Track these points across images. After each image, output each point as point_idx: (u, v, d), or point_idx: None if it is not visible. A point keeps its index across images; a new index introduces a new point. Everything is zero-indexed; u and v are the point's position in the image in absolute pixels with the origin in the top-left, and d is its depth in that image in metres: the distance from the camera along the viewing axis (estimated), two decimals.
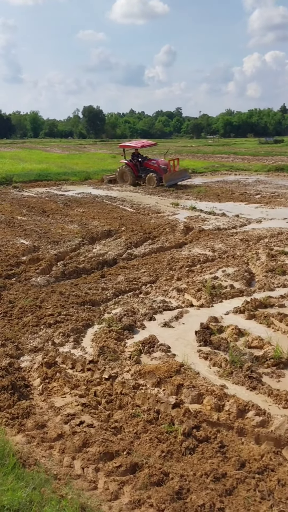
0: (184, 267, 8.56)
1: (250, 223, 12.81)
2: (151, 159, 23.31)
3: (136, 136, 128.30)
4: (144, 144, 24.45)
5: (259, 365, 4.90)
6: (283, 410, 4.12)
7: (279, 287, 7.38)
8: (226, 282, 7.62)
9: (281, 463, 3.42)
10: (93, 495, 3.15)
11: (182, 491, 3.13)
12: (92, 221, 13.08)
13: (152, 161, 22.60)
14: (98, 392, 4.44)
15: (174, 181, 21.54)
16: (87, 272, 8.48)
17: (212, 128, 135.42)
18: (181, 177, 22.34)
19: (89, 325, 6.14)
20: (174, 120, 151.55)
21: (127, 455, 3.48)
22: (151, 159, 23.31)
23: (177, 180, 21.86)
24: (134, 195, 19.05)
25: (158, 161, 22.48)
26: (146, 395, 4.34)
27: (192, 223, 12.83)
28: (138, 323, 6.13)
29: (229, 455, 3.50)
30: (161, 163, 22.32)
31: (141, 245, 10.50)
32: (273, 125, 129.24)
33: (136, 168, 22.38)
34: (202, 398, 4.27)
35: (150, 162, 22.54)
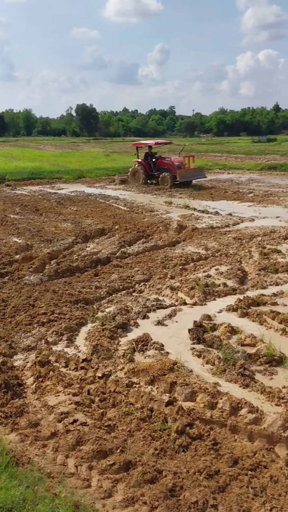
0: (178, 265, 8.57)
1: (243, 222, 12.85)
2: (164, 157, 22.62)
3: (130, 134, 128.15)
4: (158, 141, 23.97)
5: (252, 363, 4.93)
6: (276, 407, 4.14)
7: (272, 285, 7.42)
8: (219, 280, 7.64)
9: (273, 460, 3.44)
10: (86, 493, 3.16)
11: (176, 488, 3.14)
12: (86, 220, 13.06)
13: (166, 159, 21.84)
14: (91, 391, 4.44)
15: (188, 178, 20.89)
16: (81, 270, 8.46)
17: (205, 126, 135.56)
18: (196, 175, 21.56)
19: (83, 324, 6.14)
20: (168, 119, 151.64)
21: (121, 453, 3.49)
22: (164, 157, 22.62)
23: (191, 177, 21.14)
24: (127, 193, 19.05)
25: (173, 159, 21.69)
26: (139, 393, 4.34)
27: (185, 221, 12.86)
28: (131, 322, 6.14)
29: (222, 452, 3.52)
30: (176, 161, 21.46)
31: (134, 243, 10.50)
32: (266, 124, 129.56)
33: (149, 166, 21.68)
34: (195, 396, 4.29)
35: (164, 160, 21.78)
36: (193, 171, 21.58)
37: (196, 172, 21.76)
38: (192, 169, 21.62)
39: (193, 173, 21.47)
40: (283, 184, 21.38)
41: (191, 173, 21.25)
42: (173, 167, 20.85)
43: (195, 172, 21.67)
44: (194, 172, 21.60)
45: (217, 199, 17.16)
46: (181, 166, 20.90)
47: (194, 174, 21.49)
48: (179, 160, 21.52)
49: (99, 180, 24.04)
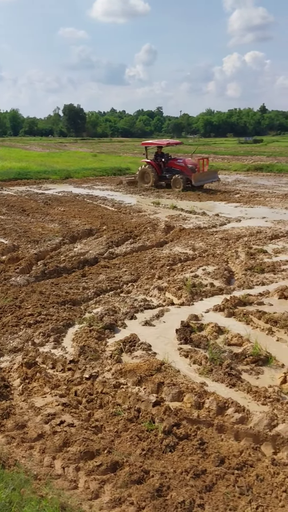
0: (165, 265, 8.60)
1: (229, 222, 12.94)
2: (176, 158, 21.28)
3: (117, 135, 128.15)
4: (169, 142, 22.59)
5: (238, 362, 4.96)
6: (262, 406, 4.18)
7: (258, 285, 7.48)
8: (206, 281, 7.68)
9: (259, 459, 3.47)
10: (73, 494, 3.15)
11: (163, 488, 3.14)
12: (73, 220, 13.02)
13: (178, 161, 20.48)
14: (78, 392, 4.43)
15: (202, 182, 19.80)
16: (68, 271, 8.43)
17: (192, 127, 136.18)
18: (210, 178, 20.52)
19: (70, 325, 6.12)
20: (155, 119, 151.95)
21: (108, 454, 3.49)
22: (176, 158, 21.28)
23: (205, 181, 20.07)
24: (115, 194, 19.03)
25: (186, 161, 20.36)
26: (126, 393, 4.35)
27: (173, 222, 12.89)
28: (119, 322, 6.14)
29: (208, 451, 3.54)
30: (189, 162, 20.14)
31: (122, 244, 10.49)
32: (252, 125, 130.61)
33: (159, 167, 20.46)
34: (183, 395, 4.30)
35: (176, 162, 20.41)
36: (207, 174, 20.63)
37: (210, 175, 20.83)
38: (206, 172, 20.63)
39: (207, 176, 20.49)
40: (269, 185, 21.58)
41: (205, 176, 20.25)
42: (187, 169, 19.68)
43: (209, 175, 20.71)
44: (208, 175, 20.64)
45: (204, 200, 17.24)
46: (195, 169, 19.68)
47: (208, 177, 20.47)
48: (193, 162, 20.31)
49: (86, 181, 23.98)
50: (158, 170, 20.42)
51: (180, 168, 19.95)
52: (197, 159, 20.54)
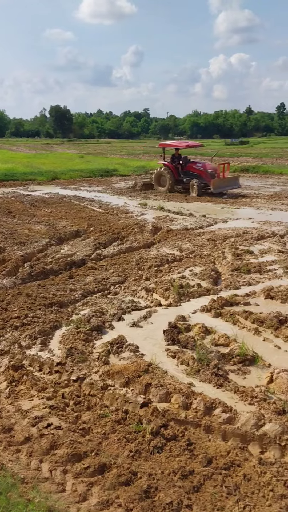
0: (153, 267, 8.60)
1: (216, 223, 13.01)
2: (195, 161, 19.94)
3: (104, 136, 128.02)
4: (189, 144, 21.24)
5: (225, 363, 4.99)
6: (249, 406, 4.20)
7: (244, 286, 7.53)
8: (193, 281, 7.71)
9: (247, 458, 3.48)
10: (61, 497, 3.13)
11: (150, 489, 3.14)
12: (60, 222, 12.96)
13: (197, 164, 19.09)
14: (66, 394, 4.41)
15: (222, 189, 18.46)
16: (55, 273, 8.39)
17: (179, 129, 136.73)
18: (231, 185, 19.13)
19: (57, 327, 6.08)
20: (142, 121, 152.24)
21: (95, 456, 3.47)
22: (195, 161, 19.94)
23: (225, 188, 18.72)
24: (102, 195, 18.99)
25: (205, 165, 19.02)
26: (114, 395, 4.34)
27: (160, 223, 12.91)
28: (106, 324, 6.12)
29: (196, 452, 3.54)
30: (209, 167, 18.76)
31: (109, 245, 10.48)
32: (238, 126, 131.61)
33: (176, 170, 19.21)
34: (170, 396, 4.31)
35: (195, 165, 18.99)
36: (228, 181, 19.15)
37: (231, 181, 19.32)
38: (228, 179, 19.16)
39: (228, 183, 19.06)
40: (255, 186, 21.74)
41: (226, 183, 18.84)
42: (206, 174, 18.40)
43: (230, 181, 19.25)
44: (229, 182, 19.16)
45: (191, 201, 17.31)
46: (215, 174, 18.33)
47: (229, 184, 19.04)
48: (213, 167, 18.87)
49: (73, 182, 23.90)
50: (175, 173, 19.20)
51: (199, 173, 18.70)
52: (217, 164, 19.17)
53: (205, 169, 18.52)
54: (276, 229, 11.96)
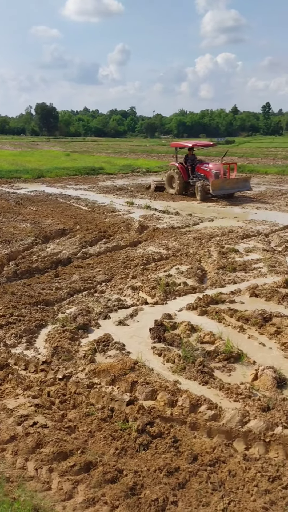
0: (139, 265, 8.61)
1: (202, 222, 13.07)
2: (203, 162, 18.53)
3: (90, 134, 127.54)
4: (196, 143, 19.56)
5: (210, 360, 5.02)
6: (234, 403, 4.24)
7: (230, 284, 7.59)
8: (179, 280, 7.74)
9: (232, 455, 3.52)
10: (46, 495, 3.12)
11: (136, 487, 3.15)
12: (46, 220, 12.89)
13: (205, 165, 17.80)
14: (51, 393, 4.39)
15: (226, 191, 17.00)
16: (41, 271, 8.35)
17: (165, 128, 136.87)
18: (237, 187, 17.38)
19: (43, 326, 6.06)
20: (128, 119, 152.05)
21: (81, 454, 3.47)
22: (203, 162, 18.53)
23: (229, 190, 17.11)
24: (88, 193, 18.93)
25: (211, 165, 17.67)
26: (100, 393, 4.34)
27: (146, 221, 12.93)
28: (92, 322, 6.11)
29: (182, 449, 3.56)
30: (214, 167, 17.39)
31: (96, 243, 10.46)
32: (224, 126, 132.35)
33: (186, 172, 18.17)
34: (156, 394, 4.32)
35: (202, 166, 17.81)
36: (233, 182, 17.35)
37: (238, 183, 17.53)
38: (233, 180, 17.39)
39: (233, 185, 17.30)
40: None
41: (230, 185, 17.14)
42: (211, 175, 17.12)
43: (236, 183, 17.45)
44: (235, 184, 17.39)
45: (177, 200, 17.36)
46: (219, 174, 17.03)
47: (234, 186, 17.31)
48: (219, 167, 17.39)
49: (59, 180, 23.77)
50: (185, 175, 18.11)
51: (205, 174, 17.51)
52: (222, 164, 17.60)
53: (210, 170, 17.35)
54: (261, 227, 12.07)
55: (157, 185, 19.50)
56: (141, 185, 21.44)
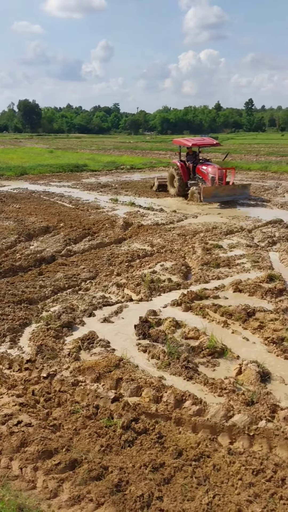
0: (124, 262, 8.61)
1: (186, 218, 13.10)
2: (204, 163, 16.79)
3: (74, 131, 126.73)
4: (196, 142, 17.18)
5: (195, 355, 5.05)
6: (218, 398, 4.27)
7: (214, 279, 7.63)
8: (164, 276, 7.75)
9: (216, 449, 3.54)
10: (31, 494, 3.11)
11: (122, 483, 3.16)
12: (29, 217, 12.78)
13: (203, 167, 16.22)
14: (36, 391, 4.37)
15: (220, 199, 15.21)
16: (24, 269, 8.28)
17: (149, 124, 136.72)
18: (233, 194, 15.57)
19: (27, 324, 6.02)
20: (112, 116, 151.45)
21: (66, 452, 3.46)
22: (204, 163, 16.79)
23: (225, 197, 15.30)
24: (72, 190, 18.82)
25: (209, 168, 15.97)
26: (85, 391, 4.33)
27: (131, 218, 12.91)
28: (77, 320, 6.09)
29: (167, 445, 3.58)
30: (212, 171, 15.71)
31: (80, 241, 10.41)
32: (208, 122, 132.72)
33: (187, 171, 16.76)
34: (141, 390, 4.33)
35: (201, 168, 16.26)
36: (229, 190, 15.57)
37: (234, 191, 15.71)
38: (228, 187, 15.66)
39: (229, 192, 15.49)
40: None
41: (225, 192, 15.36)
42: (208, 179, 15.79)
43: (233, 191, 15.65)
44: (231, 191, 15.59)
45: (162, 196, 17.36)
46: (214, 179, 15.54)
47: (230, 194, 15.49)
48: (215, 171, 15.66)
49: (43, 177, 23.58)
50: (184, 176, 16.69)
51: (203, 176, 16.18)
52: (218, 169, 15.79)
53: (208, 173, 15.82)
54: (244, 223, 12.16)
55: (160, 183, 18.39)
56: (125, 182, 21.40)
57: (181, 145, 17.75)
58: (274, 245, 9.94)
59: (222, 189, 15.31)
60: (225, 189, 15.40)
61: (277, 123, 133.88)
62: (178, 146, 18.03)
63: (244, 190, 16.01)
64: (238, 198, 15.67)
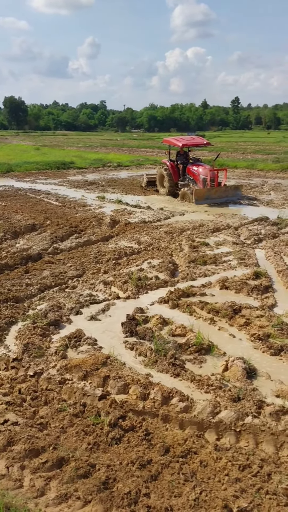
0: (111, 260, 8.59)
1: (173, 216, 13.13)
2: (194, 163, 16.44)
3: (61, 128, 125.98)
4: (187, 143, 16.59)
5: (182, 352, 5.07)
6: (205, 394, 4.29)
7: (200, 277, 7.66)
8: (151, 274, 7.76)
9: (203, 446, 3.57)
10: (18, 493, 3.10)
11: (109, 480, 3.16)
12: (15, 215, 12.67)
13: (194, 167, 15.83)
14: (22, 390, 4.35)
15: (212, 201, 14.96)
16: (10, 268, 8.21)
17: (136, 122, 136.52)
18: (225, 196, 15.36)
19: (13, 323, 5.97)
20: (99, 113, 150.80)
21: (53, 450, 3.45)
22: (194, 163, 16.44)
23: (217, 199, 15.06)
24: (59, 188, 18.71)
25: (200, 169, 15.58)
26: (72, 389, 4.32)
27: (118, 216, 12.89)
28: (64, 318, 6.07)
29: (154, 442, 3.59)
30: (203, 172, 15.34)
31: (67, 239, 10.36)
32: (195, 120, 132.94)
33: (177, 171, 16.56)
34: (128, 388, 4.34)
35: (192, 168, 15.90)
36: (221, 191, 15.35)
37: (227, 192, 15.51)
38: (220, 188, 15.38)
39: (221, 194, 15.28)
40: None
41: (217, 193, 15.17)
42: (199, 180, 15.52)
43: (225, 192, 15.45)
44: (223, 193, 15.39)
45: (149, 194, 17.36)
46: (206, 181, 15.24)
47: (222, 195, 15.28)
48: (206, 172, 15.28)
49: (29, 174, 23.41)
50: (175, 176, 16.48)
51: (194, 177, 15.88)
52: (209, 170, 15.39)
53: (199, 174, 15.54)
54: (231, 221, 12.22)
55: (149, 179, 18.27)
56: (113, 180, 21.35)
57: (171, 145, 17.44)
58: (260, 242, 10.02)
59: (214, 191, 15.13)
60: (217, 191, 15.21)
61: (263, 121, 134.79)
62: (168, 145, 17.70)
63: (236, 191, 15.90)
64: (231, 200, 15.46)
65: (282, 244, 9.68)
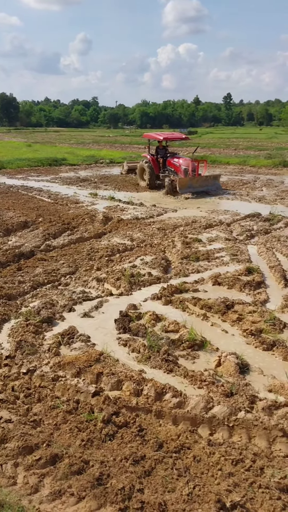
0: (104, 256, 8.58)
1: (166, 212, 13.13)
2: (175, 156, 17.81)
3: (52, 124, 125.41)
4: (167, 136, 18.24)
5: (175, 348, 5.08)
6: (198, 390, 4.31)
7: (193, 273, 7.68)
8: (144, 270, 7.76)
9: (196, 441, 3.58)
10: (12, 491, 3.09)
11: (103, 477, 3.17)
12: (7, 212, 12.61)
13: (175, 160, 17.10)
14: (16, 387, 4.34)
15: (193, 189, 16.08)
16: (2, 265, 8.17)
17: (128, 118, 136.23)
18: (206, 185, 16.55)
19: (5, 320, 5.95)
20: (91, 110, 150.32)
21: (47, 447, 3.46)
22: (175, 156, 17.81)
23: (198, 188, 16.21)
24: (51, 185, 18.64)
25: (181, 161, 16.93)
26: (65, 386, 4.32)
27: (111, 213, 12.87)
28: (57, 315, 6.06)
29: (147, 437, 3.61)
30: (184, 163, 16.59)
31: (59, 236, 10.33)
32: (187, 116, 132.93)
33: (157, 165, 17.51)
34: (122, 384, 4.34)
35: (173, 160, 17.14)
36: (202, 180, 16.58)
37: (207, 182, 16.74)
38: (201, 178, 16.68)
39: (202, 183, 16.48)
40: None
41: (198, 183, 16.37)
42: (180, 171, 16.60)
43: (205, 181, 16.68)
44: (204, 182, 16.59)
45: (141, 191, 17.35)
46: (188, 171, 16.36)
47: (202, 184, 16.47)
48: (188, 163, 16.52)
49: (21, 171, 23.28)
50: (156, 168, 17.46)
51: (175, 169, 16.97)
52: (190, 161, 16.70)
53: (180, 165, 16.66)
54: (223, 217, 12.25)
55: (129, 167, 19.02)
56: (105, 176, 21.30)
57: (150, 139, 18.57)
58: (252, 238, 10.06)
59: (195, 180, 16.30)
60: (198, 180, 16.42)
61: (255, 117, 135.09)
62: (147, 140, 18.70)
63: (214, 181, 17.08)
64: (210, 189, 16.57)
65: (274, 240, 9.73)
